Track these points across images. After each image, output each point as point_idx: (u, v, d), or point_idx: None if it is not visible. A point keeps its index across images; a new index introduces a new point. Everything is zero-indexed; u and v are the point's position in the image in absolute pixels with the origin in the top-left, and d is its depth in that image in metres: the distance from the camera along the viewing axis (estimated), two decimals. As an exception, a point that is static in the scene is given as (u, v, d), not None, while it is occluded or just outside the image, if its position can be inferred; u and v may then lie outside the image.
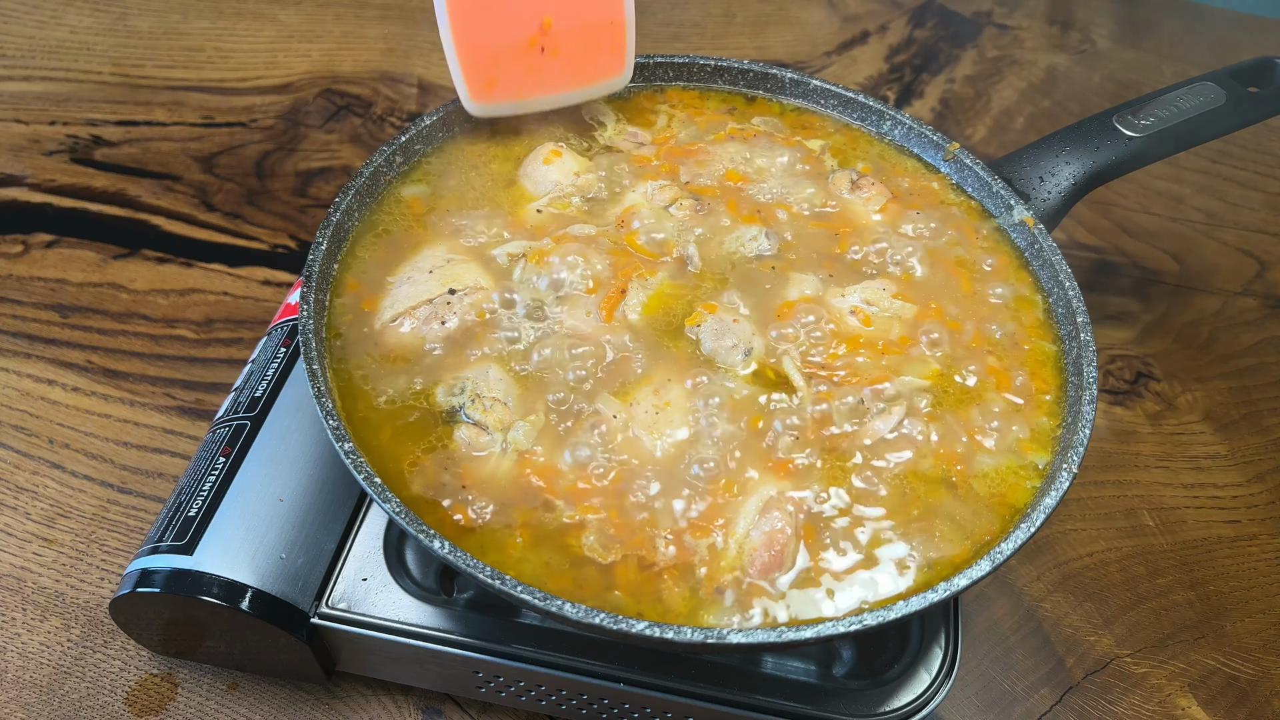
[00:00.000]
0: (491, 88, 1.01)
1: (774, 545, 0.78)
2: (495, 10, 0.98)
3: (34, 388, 1.23)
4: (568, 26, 1.01)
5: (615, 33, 1.04)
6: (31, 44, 1.70)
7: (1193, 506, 1.22)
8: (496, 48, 0.99)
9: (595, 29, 1.03)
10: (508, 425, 0.83)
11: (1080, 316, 0.93)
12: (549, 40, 1.00)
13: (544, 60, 1.01)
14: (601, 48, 1.04)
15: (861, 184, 1.06)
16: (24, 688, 0.99)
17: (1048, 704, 1.04)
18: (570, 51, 1.02)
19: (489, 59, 0.99)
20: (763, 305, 0.94)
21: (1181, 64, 1.89)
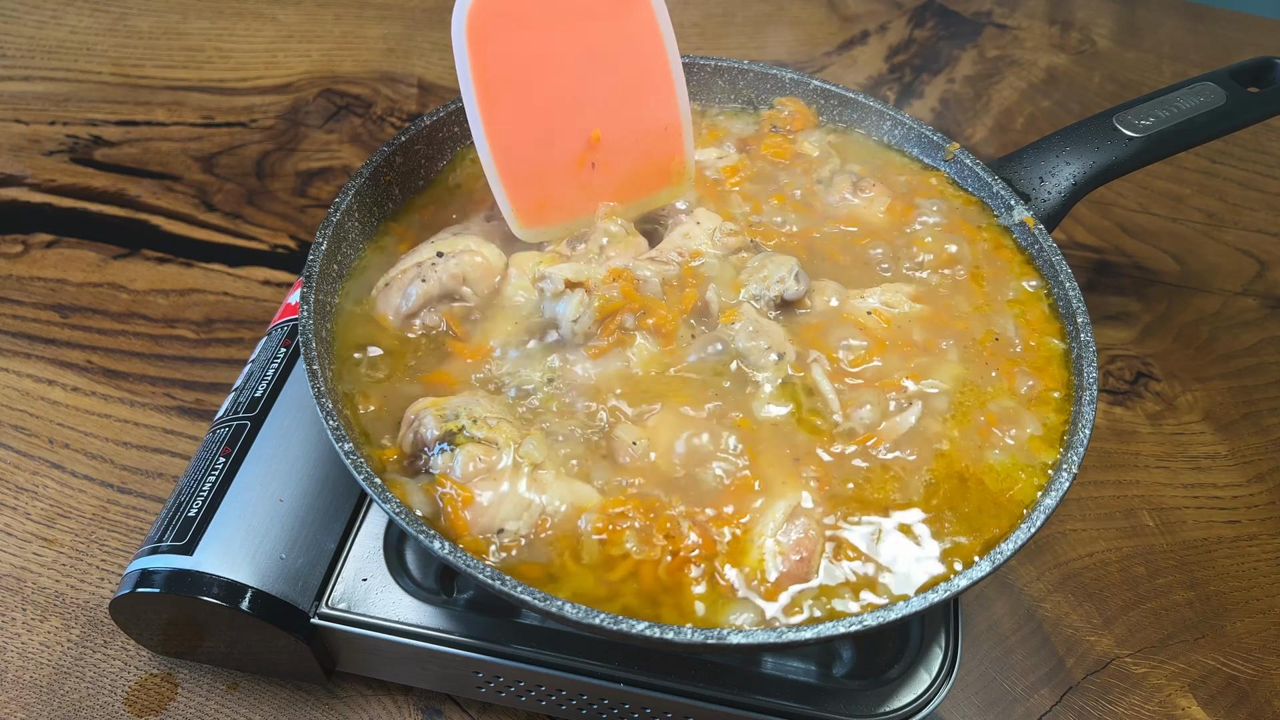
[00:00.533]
0: (542, 210, 0.93)
1: (801, 550, 0.78)
2: (538, 129, 0.89)
3: (34, 388, 1.23)
4: (618, 138, 0.93)
5: (670, 138, 0.96)
6: (31, 44, 1.70)
7: (1193, 506, 1.22)
8: (543, 169, 0.91)
9: (648, 137, 0.94)
10: (518, 440, 0.81)
11: (1080, 316, 0.93)
12: (599, 155, 0.92)
13: (596, 176, 0.93)
14: (656, 155, 0.96)
15: (862, 185, 1.06)
16: (24, 688, 0.99)
17: (1048, 704, 1.04)
18: (623, 164, 0.94)
19: (536, 181, 0.91)
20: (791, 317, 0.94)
21: (1181, 64, 1.89)
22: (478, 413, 0.82)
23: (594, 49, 0.89)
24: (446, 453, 0.79)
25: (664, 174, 0.98)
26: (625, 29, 0.89)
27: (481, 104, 0.87)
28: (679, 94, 0.94)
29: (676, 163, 0.97)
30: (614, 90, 0.91)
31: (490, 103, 0.87)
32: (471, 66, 0.86)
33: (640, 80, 0.92)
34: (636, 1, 0.89)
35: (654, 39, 0.91)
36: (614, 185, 0.95)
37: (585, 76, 0.89)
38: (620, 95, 0.91)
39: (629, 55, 0.90)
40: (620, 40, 0.90)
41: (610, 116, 0.92)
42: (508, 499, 0.78)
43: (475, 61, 0.86)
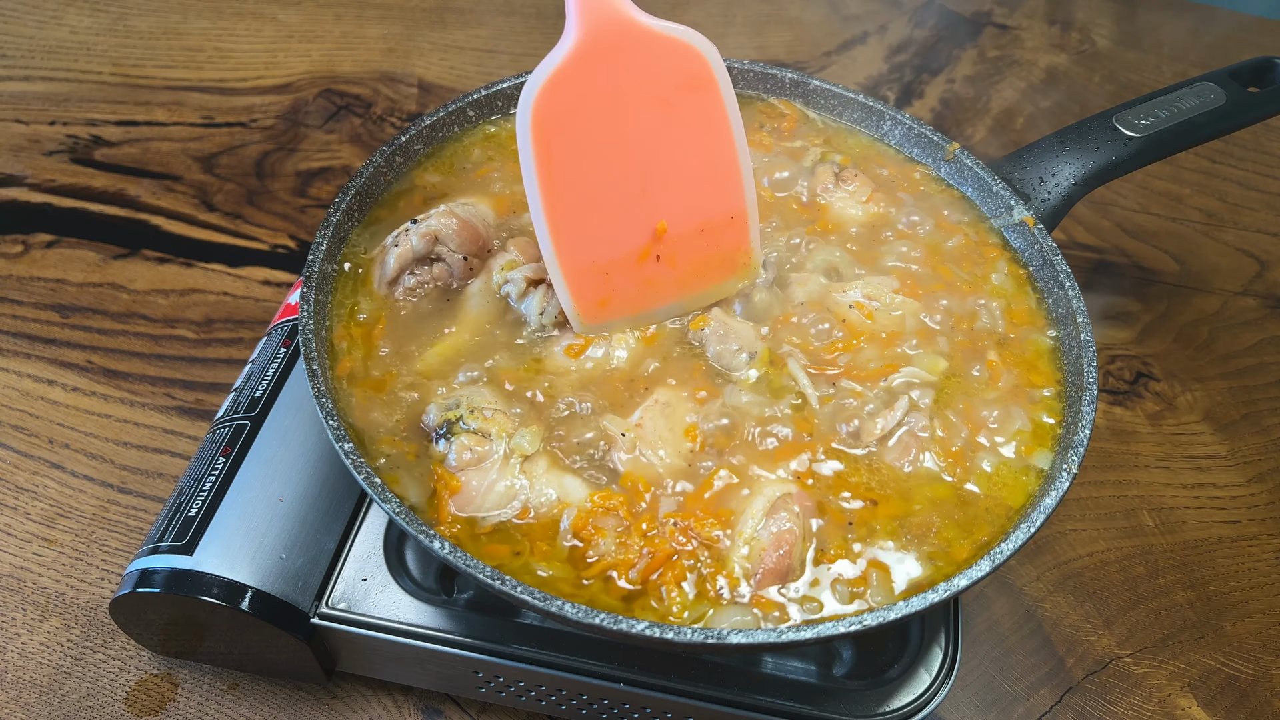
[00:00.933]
0: (605, 307, 0.89)
1: (782, 545, 0.78)
2: (603, 222, 0.86)
3: (34, 388, 1.23)
4: (684, 229, 0.89)
5: (736, 228, 0.91)
6: (31, 44, 1.70)
7: (1193, 506, 1.22)
8: (607, 263, 0.87)
9: (714, 227, 0.90)
10: (511, 432, 0.83)
11: (1080, 317, 0.93)
12: (664, 247, 0.88)
13: (660, 269, 0.89)
14: (722, 245, 0.91)
15: (844, 176, 1.06)
16: (24, 688, 0.99)
17: (1048, 704, 1.04)
18: (688, 255, 0.90)
19: (599, 277, 0.87)
20: (766, 309, 0.95)
21: (1181, 64, 1.89)
22: (477, 402, 0.84)
23: (660, 136, 0.85)
24: (445, 441, 0.82)
25: (730, 263, 0.93)
26: (692, 114, 0.86)
27: (545, 198, 0.83)
28: (745, 181, 0.90)
29: (742, 252, 0.93)
30: (680, 179, 0.87)
31: (554, 196, 0.83)
32: (536, 160, 0.81)
33: (706, 167, 0.88)
34: (704, 85, 0.85)
35: (721, 124, 0.87)
36: (678, 278, 0.91)
37: (651, 165, 0.86)
38: (686, 184, 0.88)
39: (695, 141, 0.87)
40: (687, 126, 0.86)
41: (676, 207, 0.88)
42: (494, 488, 0.80)
43: (540, 154, 0.81)
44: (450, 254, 0.94)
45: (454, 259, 0.94)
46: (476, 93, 1.09)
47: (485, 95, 1.09)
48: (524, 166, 0.82)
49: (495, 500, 0.81)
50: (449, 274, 0.95)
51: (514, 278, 0.93)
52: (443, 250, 0.94)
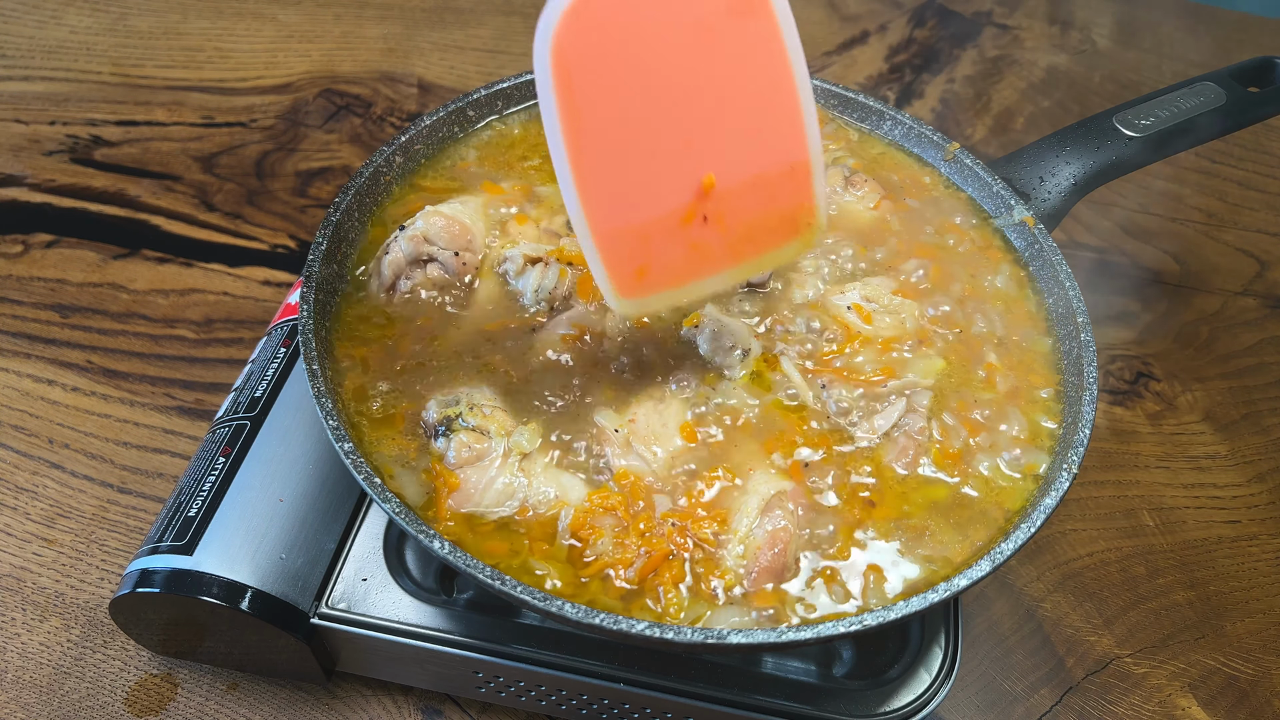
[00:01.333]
0: (643, 277, 0.76)
1: (777, 543, 0.78)
2: (640, 177, 0.73)
3: (34, 388, 1.23)
4: (735, 183, 0.75)
5: (798, 180, 0.77)
6: (31, 44, 1.69)
7: (1193, 506, 1.21)
8: (646, 226, 0.74)
9: (771, 180, 0.76)
10: (509, 430, 0.83)
11: (1080, 316, 0.93)
12: (711, 206, 0.74)
13: (707, 231, 0.75)
14: (780, 202, 0.77)
15: (854, 180, 1.06)
16: (24, 688, 0.99)
17: (1048, 704, 1.04)
18: (740, 215, 0.76)
19: (637, 242, 0.74)
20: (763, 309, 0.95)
21: (1181, 64, 1.89)
22: (477, 399, 0.84)
23: (705, 72, 0.72)
24: (443, 438, 0.82)
25: (789, 224, 0.79)
26: (742, 43, 0.72)
27: (571, 150, 0.70)
28: (808, 126, 0.76)
29: (805, 209, 0.79)
30: (730, 123, 0.74)
31: (581, 147, 0.70)
32: (558, 104, 0.68)
33: (761, 108, 0.74)
34: (756, 8, 0.72)
35: (777, 55, 0.74)
36: (729, 242, 0.77)
37: (695, 107, 0.72)
38: (737, 130, 0.74)
39: (747, 77, 0.73)
40: (736, 58, 0.72)
41: (725, 157, 0.74)
42: (493, 485, 0.80)
43: (562, 97, 0.68)
44: (441, 252, 0.94)
45: (446, 256, 0.94)
46: (476, 92, 1.09)
47: (485, 95, 1.09)
48: (544, 112, 0.69)
49: (494, 497, 0.81)
50: (444, 272, 0.95)
51: (512, 255, 0.93)
52: (434, 250, 0.94)
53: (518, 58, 1.76)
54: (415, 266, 0.95)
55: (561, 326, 0.91)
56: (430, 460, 0.82)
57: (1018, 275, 1.01)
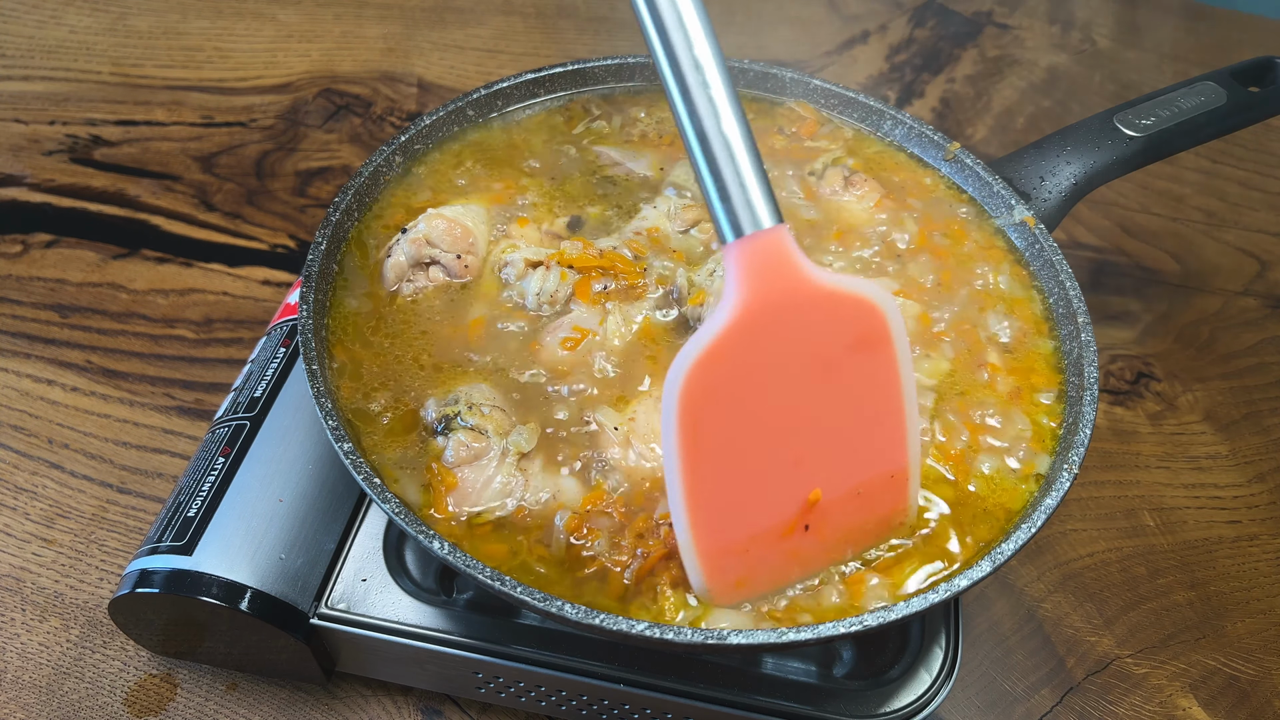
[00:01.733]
0: (740, 586, 0.75)
1: None
2: (749, 499, 0.73)
3: (33, 388, 1.23)
4: (837, 495, 0.75)
5: (895, 488, 0.78)
6: (31, 44, 1.69)
7: (1193, 507, 1.21)
8: (750, 540, 0.74)
9: (871, 490, 0.77)
10: (507, 430, 0.83)
11: (1081, 316, 0.93)
12: (815, 517, 0.75)
13: (807, 540, 0.76)
14: (877, 507, 0.78)
15: (854, 181, 1.06)
16: (23, 688, 0.99)
17: (1048, 704, 1.04)
18: (839, 523, 0.77)
19: (740, 554, 0.74)
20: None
21: (1181, 64, 1.89)
22: (475, 399, 0.84)
23: (821, 399, 0.73)
24: (442, 436, 0.82)
25: (883, 526, 0.80)
26: (859, 372, 0.74)
27: (687, 478, 0.71)
28: (911, 437, 0.78)
29: (898, 512, 0.80)
30: (838, 442, 0.75)
31: (697, 475, 0.71)
32: (679, 439, 0.70)
33: (869, 426, 0.76)
34: (877, 343, 0.74)
35: (890, 381, 0.75)
36: (825, 546, 0.77)
37: (808, 429, 0.74)
38: (845, 446, 0.75)
39: (859, 401, 0.75)
40: (852, 386, 0.74)
41: (831, 471, 0.75)
42: (490, 485, 0.81)
43: (685, 433, 0.69)
44: (444, 254, 0.94)
45: (448, 259, 0.95)
46: (476, 92, 1.09)
47: (485, 95, 1.09)
48: (665, 444, 0.70)
49: (490, 496, 0.81)
50: (446, 274, 0.95)
51: (513, 259, 0.94)
52: (435, 252, 0.94)
53: (517, 57, 1.76)
54: (418, 269, 0.95)
55: (563, 330, 0.91)
56: (428, 459, 0.82)
57: (1019, 274, 1.01)
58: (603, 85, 1.15)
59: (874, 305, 0.73)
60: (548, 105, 1.13)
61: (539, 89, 1.12)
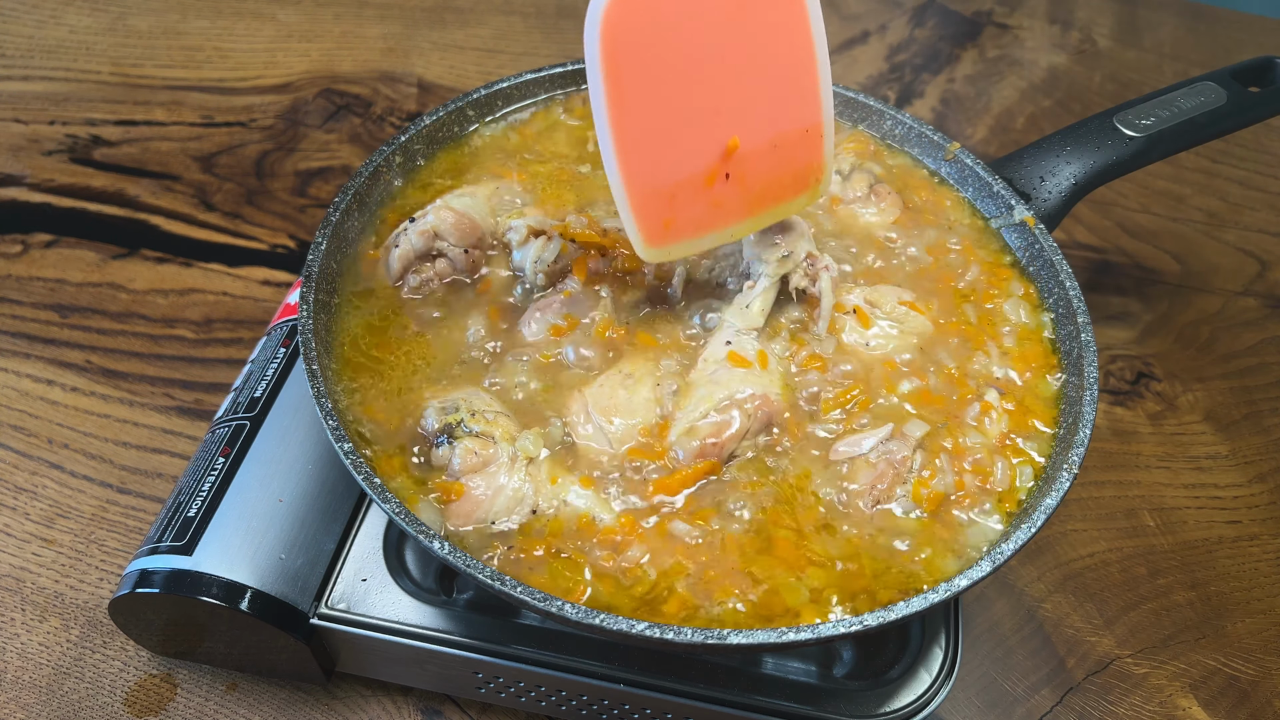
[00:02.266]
0: (668, 229, 0.83)
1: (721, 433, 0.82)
2: (673, 141, 0.80)
3: (33, 388, 1.23)
4: (755, 145, 0.82)
5: (810, 142, 0.85)
6: (31, 44, 1.69)
7: (1193, 507, 1.21)
8: (675, 184, 0.81)
9: (787, 143, 0.84)
10: (514, 435, 0.82)
11: (1081, 316, 0.93)
12: (733, 165, 0.82)
13: (727, 188, 0.83)
14: (793, 162, 0.85)
15: (879, 191, 1.05)
16: (23, 688, 0.99)
17: (1048, 704, 1.04)
18: (758, 173, 0.84)
19: (666, 199, 0.81)
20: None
21: (1181, 64, 1.89)
22: (477, 405, 0.83)
23: (736, 46, 0.79)
24: (445, 446, 0.81)
25: (800, 180, 0.87)
26: (770, 19, 0.79)
27: (614, 120, 0.77)
28: (824, 92, 0.84)
29: (814, 167, 0.87)
30: (755, 91, 0.81)
31: (623, 117, 0.77)
32: (604, 79, 0.75)
33: (783, 79, 0.82)
34: None
35: (801, 29, 0.81)
36: (746, 197, 0.85)
37: (725, 77, 0.79)
38: (762, 97, 0.81)
39: (773, 50, 0.80)
40: (764, 33, 0.79)
41: (749, 122, 0.81)
42: (503, 493, 0.80)
43: (609, 73, 0.75)
44: (451, 248, 0.94)
45: (455, 253, 0.94)
46: (476, 92, 1.09)
47: (485, 95, 1.09)
48: (591, 87, 0.76)
49: (504, 505, 0.79)
50: (452, 268, 0.95)
51: (517, 225, 0.94)
52: (443, 245, 0.94)
53: (517, 57, 1.76)
54: (424, 260, 0.95)
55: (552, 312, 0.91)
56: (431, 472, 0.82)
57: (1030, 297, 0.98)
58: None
59: None
60: (548, 104, 1.13)
61: (539, 89, 1.13)
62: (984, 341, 0.94)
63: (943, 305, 0.97)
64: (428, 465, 0.82)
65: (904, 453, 0.83)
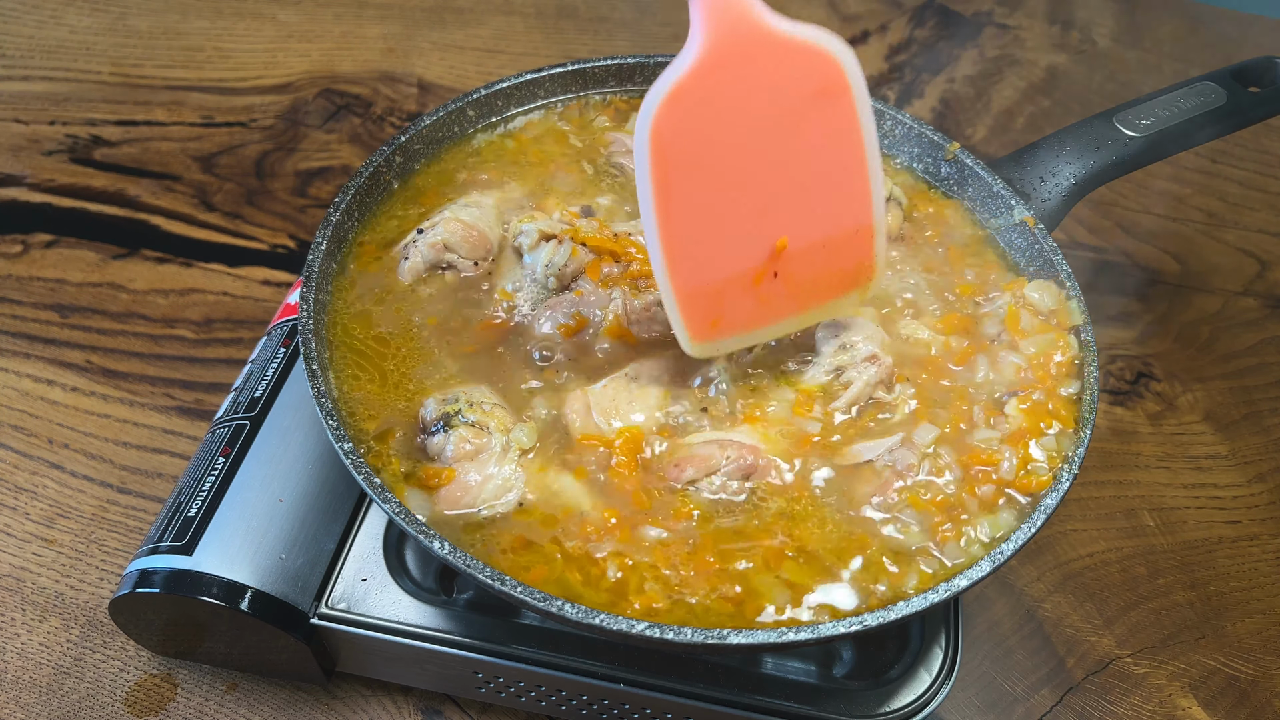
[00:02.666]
0: (716, 327, 0.83)
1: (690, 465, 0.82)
2: (721, 240, 0.80)
3: (34, 388, 1.23)
4: (805, 245, 0.82)
5: (860, 242, 0.85)
6: (31, 44, 1.69)
7: (1193, 507, 1.21)
8: (723, 283, 0.81)
9: (837, 243, 0.84)
10: (509, 427, 0.83)
11: (1081, 317, 0.93)
12: (782, 264, 0.82)
13: (775, 286, 0.83)
14: (843, 260, 0.85)
15: (904, 232, 1.04)
16: (24, 688, 0.99)
17: (1048, 704, 1.04)
18: (807, 272, 0.84)
19: (714, 297, 0.81)
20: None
21: (1181, 64, 1.89)
22: (476, 398, 0.84)
23: (786, 148, 0.79)
24: (441, 434, 0.82)
25: (850, 279, 0.86)
26: (822, 123, 0.79)
27: (661, 219, 0.77)
28: (875, 193, 0.83)
29: (865, 266, 0.86)
30: (804, 192, 0.81)
31: (671, 217, 0.77)
32: (653, 179, 0.75)
33: (833, 179, 0.82)
34: (838, 93, 0.79)
35: (852, 133, 0.80)
36: (794, 295, 0.85)
37: (774, 178, 0.79)
38: (811, 197, 0.81)
39: (823, 152, 0.80)
40: (815, 136, 0.79)
41: (798, 222, 0.81)
42: (491, 481, 0.80)
43: (657, 173, 0.75)
44: (461, 260, 0.95)
45: (465, 265, 0.95)
46: (476, 92, 1.09)
47: (485, 95, 1.09)
48: (640, 185, 0.77)
49: (491, 493, 0.80)
50: (461, 280, 0.95)
51: (528, 229, 0.94)
52: (453, 258, 0.94)
53: (517, 57, 1.76)
54: (432, 271, 0.95)
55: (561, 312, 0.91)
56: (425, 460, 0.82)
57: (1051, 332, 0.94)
58: (603, 86, 1.15)
59: (830, 54, 0.77)
60: (548, 105, 1.13)
61: (539, 89, 1.12)
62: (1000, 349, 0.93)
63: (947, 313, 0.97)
64: (423, 453, 0.83)
65: (911, 460, 0.83)
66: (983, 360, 0.92)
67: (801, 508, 0.82)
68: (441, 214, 0.96)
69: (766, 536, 0.80)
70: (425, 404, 0.85)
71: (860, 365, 0.87)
